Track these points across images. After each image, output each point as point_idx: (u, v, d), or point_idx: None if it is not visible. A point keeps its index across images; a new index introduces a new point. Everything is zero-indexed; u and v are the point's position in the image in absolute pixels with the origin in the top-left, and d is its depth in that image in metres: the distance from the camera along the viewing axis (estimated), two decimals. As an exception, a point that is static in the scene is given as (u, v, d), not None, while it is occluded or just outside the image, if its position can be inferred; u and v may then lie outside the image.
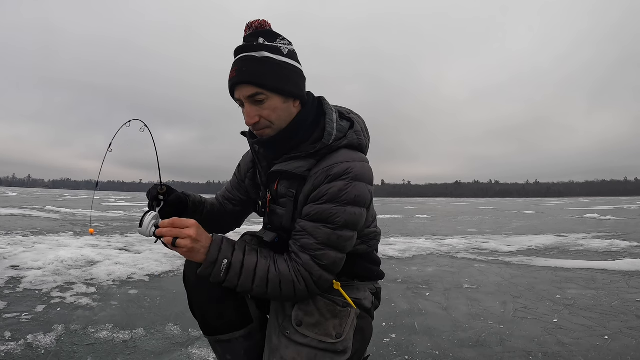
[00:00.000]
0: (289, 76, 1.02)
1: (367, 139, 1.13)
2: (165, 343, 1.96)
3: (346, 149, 1.05)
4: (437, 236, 7.46)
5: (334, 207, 0.96)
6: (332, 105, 1.14)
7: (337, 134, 1.06)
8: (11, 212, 10.84)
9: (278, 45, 1.01)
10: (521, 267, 4.20)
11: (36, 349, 1.82)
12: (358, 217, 0.99)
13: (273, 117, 1.02)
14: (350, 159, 1.01)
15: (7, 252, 4.12)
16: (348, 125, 1.10)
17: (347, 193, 0.97)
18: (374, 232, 1.17)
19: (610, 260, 4.48)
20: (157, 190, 1.08)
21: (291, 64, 1.02)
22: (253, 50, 0.99)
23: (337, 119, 1.08)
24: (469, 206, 30.95)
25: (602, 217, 13.07)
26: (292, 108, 1.05)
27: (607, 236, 7.15)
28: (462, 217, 14.85)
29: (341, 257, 1.00)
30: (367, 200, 1.01)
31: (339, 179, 0.98)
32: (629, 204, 29.01)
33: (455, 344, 2.00)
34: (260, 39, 1.00)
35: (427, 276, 3.73)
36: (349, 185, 0.97)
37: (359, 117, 1.16)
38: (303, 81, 1.07)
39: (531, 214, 16.99)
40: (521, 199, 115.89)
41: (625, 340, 2.01)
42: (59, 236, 5.87)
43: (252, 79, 0.98)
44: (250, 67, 0.98)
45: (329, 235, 0.96)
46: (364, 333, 1.14)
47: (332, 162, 1.01)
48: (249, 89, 0.99)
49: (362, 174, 1.00)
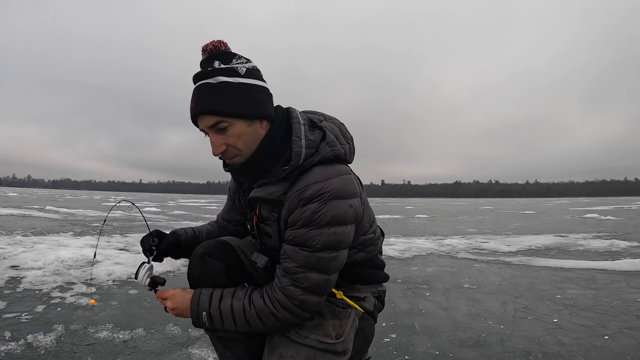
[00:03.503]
0: (250, 97, 0.96)
1: (347, 144, 1.06)
2: (165, 343, 1.96)
3: (320, 165, 0.99)
4: (437, 236, 7.46)
5: (310, 230, 0.92)
6: (303, 113, 1.07)
7: (307, 151, 0.99)
8: (11, 212, 10.84)
9: (234, 66, 0.96)
10: (521, 267, 4.20)
11: (36, 349, 1.82)
12: (339, 237, 0.94)
13: (240, 144, 0.98)
14: (325, 177, 0.95)
15: (7, 252, 4.12)
16: (320, 136, 1.03)
17: (322, 214, 0.92)
18: (371, 238, 1.13)
19: (610, 260, 4.47)
20: (149, 242, 1.16)
21: (251, 84, 0.96)
22: (209, 76, 0.95)
23: (305, 132, 1.01)
24: (469, 206, 30.94)
25: (602, 217, 13.07)
26: (259, 130, 0.99)
27: (607, 236, 7.15)
28: (462, 217, 14.85)
29: (325, 278, 0.96)
30: (349, 216, 0.96)
31: (312, 202, 0.93)
32: (629, 204, 29.01)
33: (455, 344, 2.00)
34: (216, 62, 0.95)
35: (427, 276, 3.72)
36: (323, 206, 0.93)
37: (333, 122, 1.08)
38: (268, 98, 1.01)
39: (531, 214, 16.99)
40: (521, 199, 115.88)
41: (625, 340, 2.01)
42: (59, 236, 5.87)
43: (211, 108, 0.94)
44: (207, 96, 0.94)
45: (307, 258, 0.93)
46: (365, 334, 1.13)
47: (305, 184, 0.96)
48: (210, 119, 0.95)
49: (339, 191, 0.94)
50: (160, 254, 1.17)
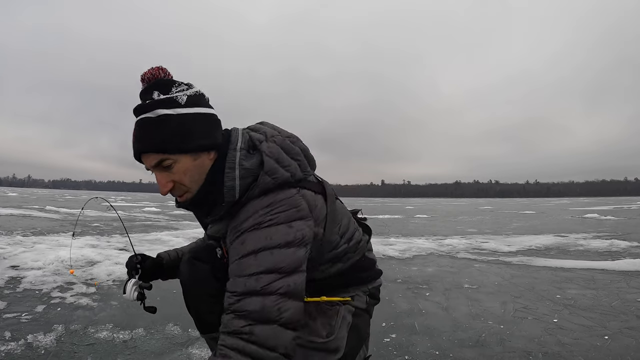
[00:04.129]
0: (193, 129, 0.89)
1: (295, 160, 0.97)
2: (165, 343, 1.96)
3: (258, 198, 0.91)
4: (437, 236, 7.46)
5: (243, 258, 0.86)
6: (247, 131, 0.99)
7: (242, 182, 0.91)
8: (11, 212, 10.85)
9: (174, 95, 0.89)
10: (521, 267, 4.20)
11: (36, 349, 1.82)
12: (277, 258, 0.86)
13: (186, 180, 0.91)
14: (260, 207, 0.89)
15: (7, 252, 4.12)
16: (258, 162, 0.93)
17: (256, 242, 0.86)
18: (344, 249, 1.07)
19: (610, 260, 4.47)
20: (134, 261, 1.17)
21: (193, 113, 0.89)
22: (148, 110, 0.89)
23: (240, 160, 0.92)
24: (469, 206, 30.94)
25: (602, 217, 13.07)
26: (206, 162, 0.93)
27: (607, 236, 7.15)
28: (462, 217, 14.85)
29: (273, 300, 0.84)
30: (285, 239, 0.87)
31: (246, 232, 0.88)
32: (629, 204, 29.02)
33: (455, 344, 2.00)
34: (155, 92, 0.89)
35: (427, 276, 3.72)
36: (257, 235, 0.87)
37: (275, 140, 0.97)
38: (214, 125, 0.94)
39: (531, 214, 16.99)
40: (521, 199, 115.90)
41: (625, 340, 2.01)
42: (59, 236, 5.87)
43: (152, 146, 0.88)
44: (147, 133, 0.88)
45: (244, 283, 0.84)
46: (360, 331, 1.13)
47: (240, 219, 0.90)
48: (153, 157, 0.89)
49: (275, 219, 0.87)
50: (145, 272, 1.19)
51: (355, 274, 1.14)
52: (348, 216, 1.12)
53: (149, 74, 0.91)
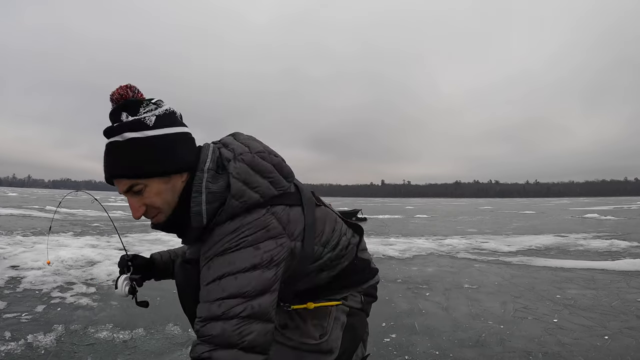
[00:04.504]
0: (163, 152, 0.87)
1: (269, 180, 0.93)
2: (165, 343, 1.96)
3: (226, 222, 0.89)
4: (437, 236, 7.45)
5: (208, 284, 0.86)
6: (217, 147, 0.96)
7: (210, 207, 0.89)
8: (11, 212, 10.85)
9: (142, 117, 0.87)
10: (521, 267, 4.20)
11: (36, 349, 1.82)
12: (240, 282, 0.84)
13: (159, 203, 0.90)
14: (226, 233, 0.87)
15: (7, 252, 4.12)
16: (225, 184, 0.90)
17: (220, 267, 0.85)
18: (329, 257, 1.04)
19: (610, 260, 4.47)
20: (125, 259, 1.17)
21: (162, 135, 0.87)
22: (115, 133, 0.87)
23: (207, 183, 0.90)
24: (469, 206, 30.94)
25: (602, 217, 13.07)
26: (178, 184, 0.91)
27: (607, 236, 7.15)
28: (462, 217, 14.85)
29: (234, 323, 0.82)
30: (251, 262, 0.86)
31: (213, 259, 0.87)
32: (629, 204, 29.02)
33: (455, 344, 2.00)
34: (123, 114, 0.87)
35: (427, 276, 3.72)
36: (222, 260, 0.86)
37: (243, 159, 0.93)
38: (186, 145, 0.91)
39: (531, 214, 16.99)
40: (521, 199, 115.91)
41: (625, 340, 2.01)
42: (59, 236, 5.88)
43: (121, 172, 0.86)
44: (116, 158, 0.87)
45: (208, 307, 0.84)
46: (356, 330, 1.10)
47: (208, 245, 0.89)
48: (123, 183, 0.88)
49: (241, 244, 0.86)
50: (137, 270, 1.18)
51: (346, 279, 1.12)
52: (332, 221, 1.07)
53: (117, 93, 0.88)
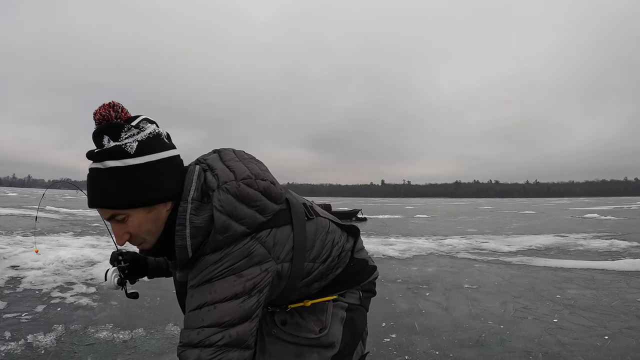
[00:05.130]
0: (144, 183, 0.84)
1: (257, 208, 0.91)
2: (165, 343, 1.96)
3: (211, 254, 0.88)
4: (437, 236, 7.45)
5: (190, 312, 0.86)
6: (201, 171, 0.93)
7: (194, 241, 0.88)
8: (11, 212, 10.85)
9: (123, 143, 0.82)
10: (521, 267, 4.20)
11: (36, 349, 1.82)
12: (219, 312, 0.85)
13: (142, 233, 0.88)
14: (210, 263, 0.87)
15: (7, 252, 4.12)
16: (209, 217, 0.88)
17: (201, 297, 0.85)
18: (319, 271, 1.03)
19: (610, 260, 4.47)
20: (115, 253, 1.17)
21: (144, 164, 0.84)
22: (96, 159, 0.83)
23: (191, 217, 0.88)
24: (469, 206, 30.94)
25: (602, 217, 13.07)
26: (162, 214, 0.88)
27: (607, 236, 7.15)
28: (462, 217, 14.85)
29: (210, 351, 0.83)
30: (232, 292, 0.85)
31: (192, 288, 0.87)
32: (629, 204, 29.02)
33: (455, 344, 2.00)
34: (105, 138, 0.83)
35: (427, 276, 3.72)
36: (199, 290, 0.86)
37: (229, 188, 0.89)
38: (169, 173, 0.88)
39: (531, 214, 16.99)
40: (521, 199, 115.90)
41: (625, 340, 2.01)
42: (59, 236, 5.88)
43: (102, 202, 0.84)
44: (97, 187, 0.84)
45: (188, 334, 0.84)
46: (356, 325, 1.10)
47: (193, 274, 0.88)
48: (105, 212, 0.86)
49: (224, 273, 0.85)
50: (126, 262, 1.18)
51: (342, 283, 1.11)
52: (323, 234, 1.04)
53: (99, 114, 0.84)
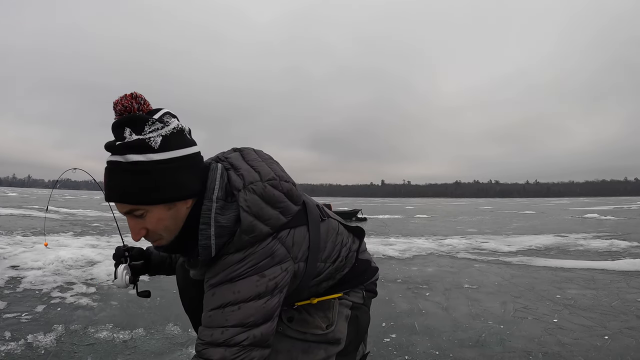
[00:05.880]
0: (166, 179, 0.82)
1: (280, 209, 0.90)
2: (165, 343, 1.96)
3: (234, 253, 0.87)
4: (437, 236, 7.46)
5: (212, 310, 0.86)
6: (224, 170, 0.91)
7: (218, 241, 0.86)
8: (11, 212, 10.85)
9: (146, 137, 0.80)
10: (521, 267, 4.20)
11: (36, 349, 1.82)
12: (244, 312, 0.85)
13: (160, 229, 0.86)
14: (233, 262, 0.86)
15: (7, 252, 4.12)
16: (234, 217, 0.86)
17: (223, 296, 0.85)
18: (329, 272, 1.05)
19: (610, 260, 4.47)
20: (122, 248, 1.18)
21: (168, 160, 0.81)
22: (118, 152, 0.81)
23: (216, 216, 0.87)
24: (469, 206, 30.95)
25: (602, 217, 13.07)
26: (181, 211, 0.87)
27: (607, 236, 7.15)
28: (462, 217, 14.85)
29: (234, 351, 0.84)
30: (255, 292, 0.85)
31: (215, 287, 0.86)
32: (629, 204, 29.04)
33: (455, 344, 2.00)
34: (127, 130, 0.81)
35: (427, 276, 3.72)
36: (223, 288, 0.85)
37: (255, 189, 0.88)
38: (192, 170, 0.86)
39: (531, 214, 17.00)
40: (521, 199, 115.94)
41: (625, 340, 2.01)
42: (59, 236, 5.88)
43: (122, 197, 0.82)
44: (117, 182, 0.82)
45: (211, 334, 0.84)
46: (360, 323, 1.13)
47: (214, 272, 0.88)
48: (123, 207, 0.84)
49: (248, 272, 0.85)
50: (133, 259, 1.19)
51: (347, 282, 1.13)
52: (334, 235, 1.06)
53: (121, 105, 0.82)
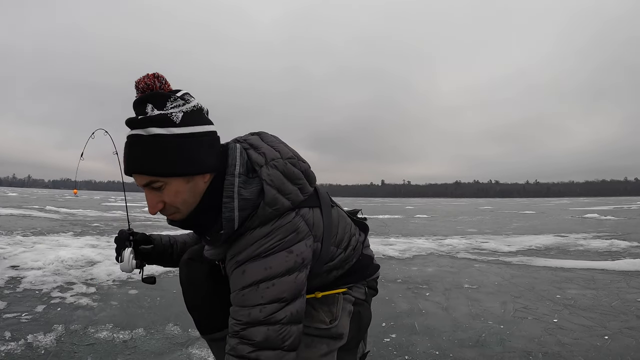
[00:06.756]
0: (187, 153, 0.84)
1: (299, 187, 0.94)
2: (165, 343, 1.96)
3: (257, 228, 0.89)
4: (437, 236, 7.46)
5: (245, 289, 0.87)
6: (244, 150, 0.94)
7: (242, 213, 0.88)
8: (11, 212, 10.85)
9: (168, 112, 0.84)
10: (521, 267, 4.20)
11: (36, 349, 1.82)
12: (279, 287, 0.87)
13: (177, 202, 0.88)
14: (259, 237, 0.88)
15: (7, 252, 4.12)
16: (257, 190, 0.89)
17: (256, 273, 0.86)
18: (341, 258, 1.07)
19: (610, 260, 4.47)
20: (126, 232, 1.14)
21: (188, 134, 0.85)
22: (140, 126, 0.84)
23: (239, 189, 0.89)
24: (469, 206, 30.95)
25: (602, 217, 13.07)
26: (199, 185, 0.89)
27: (607, 236, 7.15)
28: (462, 217, 14.85)
29: (276, 329, 0.86)
30: (285, 267, 0.88)
31: (245, 264, 0.88)
32: (629, 204, 29.01)
33: (455, 344, 2.00)
34: (149, 106, 0.84)
35: (427, 276, 3.72)
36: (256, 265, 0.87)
37: (276, 165, 0.92)
38: (211, 146, 0.89)
39: (531, 214, 16.99)
40: (521, 199, 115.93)
41: (625, 340, 2.01)
42: (59, 236, 5.87)
43: (142, 167, 0.84)
44: (138, 153, 0.84)
45: (249, 313, 0.86)
46: (361, 319, 1.15)
47: (239, 248, 0.90)
48: (142, 178, 0.86)
49: (276, 247, 0.87)
50: (137, 243, 1.15)
51: (352, 275, 1.15)
52: (344, 222, 1.10)
53: (144, 82, 0.86)
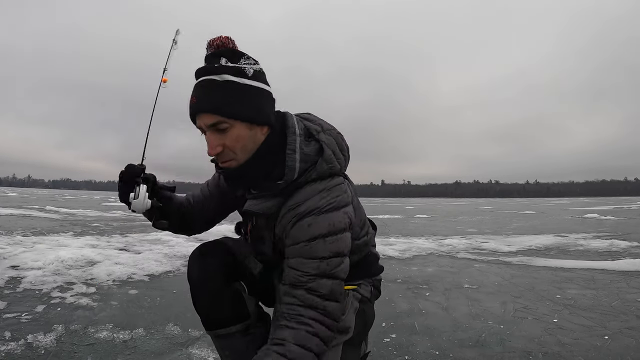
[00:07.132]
0: (255, 101, 0.93)
1: (343, 156, 1.04)
2: (165, 343, 1.96)
3: (315, 182, 0.97)
4: (437, 236, 7.46)
5: (311, 242, 0.93)
6: (300, 120, 1.04)
7: (302, 165, 0.97)
8: (11, 212, 10.84)
9: (242, 66, 0.92)
10: (521, 267, 4.20)
11: (36, 349, 1.82)
12: (340, 243, 0.95)
13: (237, 148, 0.94)
14: (318, 191, 0.95)
15: (7, 252, 4.12)
16: (316, 149, 0.99)
17: (320, 226, 0.93)
18: (364, 241, 1.15)
19: (610, 260, 4.47)
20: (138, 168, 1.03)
21: (257, 87, 0.93)
22: (214, 73, 0.91)
23: (300, 145, 0.98)
24: (469, 206, 30.95)
25: (602, 217, 13.06)
26: (258, 135, 0.97)
27: (607, 236, 7.15)
28: (462, 217, 14.85)
29: (338, 282, 0.95)
30: (344, 224, 0.96)
31: (309, 216, 0.94)
32: (629, 204, 29.01)
33: (455, 344, 2.00)
34: (223, 59, 0.92)
35: (427, 276, 3.73)
36: (319, 218, 0.93)
37: (331, 134, 1.03)
38: (272, 103, 0.99)
39: (531, 214, 16.99)
40: (521, 199, 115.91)
41: (625, 340, 2.01)
42: (59, 236, 5.87)
43: (213, 106, 0.90)
44: (210, 94, 0.91)
45: (317, 266, 0.92)
46: (366, 316, 1.18)
47: (298, 200, 0.96)
48: (210, 118, 0.91)
49: (332, 203, 0.95)
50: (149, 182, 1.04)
51: (364, 267, 1.20)
52: (363, 209, 1.17)
53: (219, 40, 0.94)
